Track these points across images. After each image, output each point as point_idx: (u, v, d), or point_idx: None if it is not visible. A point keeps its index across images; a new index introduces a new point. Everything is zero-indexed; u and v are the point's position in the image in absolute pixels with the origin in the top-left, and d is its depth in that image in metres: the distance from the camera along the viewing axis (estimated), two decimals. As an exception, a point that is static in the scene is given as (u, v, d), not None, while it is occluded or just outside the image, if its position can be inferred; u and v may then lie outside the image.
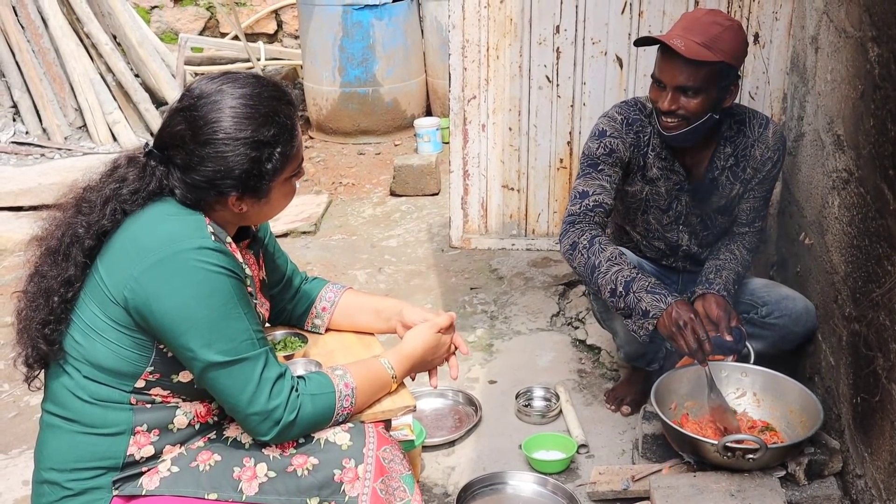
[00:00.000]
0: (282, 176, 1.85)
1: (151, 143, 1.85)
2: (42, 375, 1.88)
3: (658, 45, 2.58)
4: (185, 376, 1.82)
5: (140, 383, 1.79)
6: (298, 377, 1.86)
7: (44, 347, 1.79)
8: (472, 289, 3.97)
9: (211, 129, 1.76)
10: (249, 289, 1.89)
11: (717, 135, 2.73)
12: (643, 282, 2.51)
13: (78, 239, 1.78)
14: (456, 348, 2.17)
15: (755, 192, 2.80)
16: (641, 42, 2.65)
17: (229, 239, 1.87)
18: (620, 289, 2.52)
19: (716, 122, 2.66)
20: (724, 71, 2.56)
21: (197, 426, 1.87)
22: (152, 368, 1.79)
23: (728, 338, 2.55)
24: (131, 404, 1.80)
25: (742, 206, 2.83)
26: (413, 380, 2.21)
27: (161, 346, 1.78)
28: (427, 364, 2.11)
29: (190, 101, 1.80)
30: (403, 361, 2.03)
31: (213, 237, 1.77)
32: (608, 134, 2.73)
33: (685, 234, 2.89)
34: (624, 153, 2.73)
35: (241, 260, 1.88)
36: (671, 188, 2.79)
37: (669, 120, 2.60)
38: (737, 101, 3.26)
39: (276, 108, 1.82)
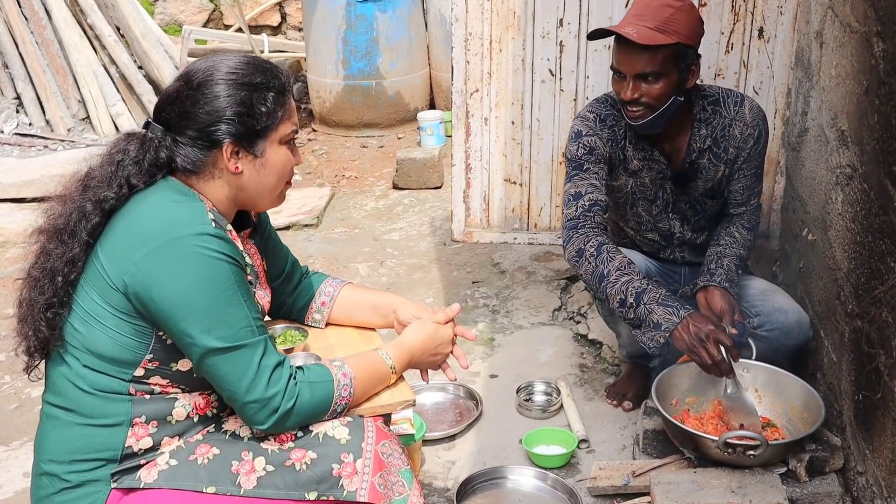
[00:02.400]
0: (276, 131, 1.87)
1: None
2: (42, 366, 1.89)
3: (614, 37, 2.58)
4: (184, 364, 1.82)
5: (139, 372, 1.80)
6: (297, 367, 1.86)
7: (45, 332, 1.79)
8: (473, 283, 3.97)
9: (205, 74, 1.82)
10: (250, 277, 1.89)
11: (691, 117, 2.72)
12: (654, 293, 2.48)
13: (85, 215, 1.80)
14: (458, 339, 2.18)
15: (744, 171, 2.78)
16: (594, 35, 2.64)
17: (230, 227, 1.87)
18: (631, 300, 2.49)
19: (684, 105, 2.65)
20: (682, 52, 2.55)
21: (195, 418, 1.87)
22: (151, 356, 1.79)
23: (732, 331, 2.54)
24: (130, 395, 1.80)
25: (734, 187, 2.81)
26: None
27: (160, 333, 1.78)
28: (431, 355, 2.10)
29: (185, 69, 1.89)
30: (402, 353, 2.03)
31: (213, 224, 1.78)
32: (584, 134, 2.73)
33: (676, 222, 2.88)
34: (603, 149, 2.72)
35: (241, 248, 1.88)
36: (655, 177, 2.78)
37: (634, 109, 2.59)
38: (737, 89, 3.26)
39: (268, 63, 1.90)
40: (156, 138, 1.83)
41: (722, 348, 2.40)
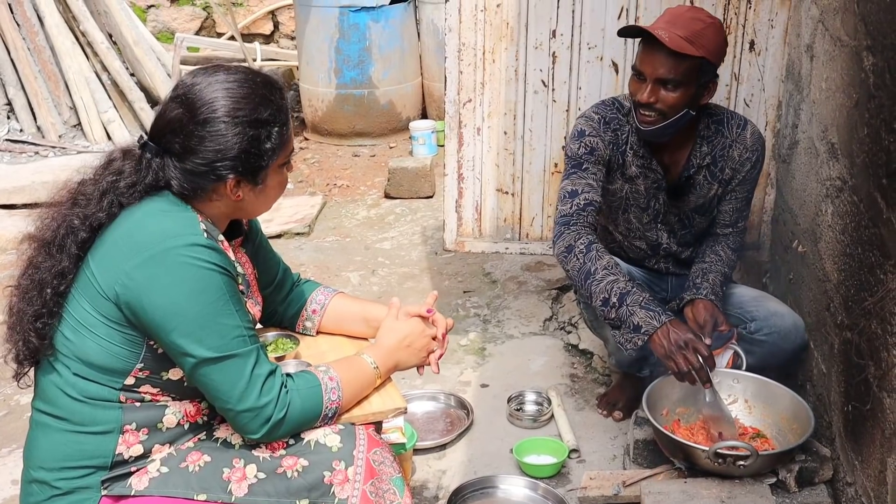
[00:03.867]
0: (278, 159, 1.86)
1: (147, 136, 1.85)
2: (32, 373, 1.88)
3: (640, 39, 2.60)
4: (174, 373, 1.82)
5: (129, 380, 1.79)
6: (286, 375, 1.86)
7: (35, 342, 1.79)
8: (465, 292, 3.97)
9: (209, 109, 1.77)
10: (241, 287, 1.89)
11: (695, 133, 2.74)
12: (637, 296, 2.50)
13: (73, 230, 1.78)
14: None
15: (736, 193, 2.81)
16: (625, 32, 2.66)
17: (221, 237, 1.87)
18: (614, 300, 2.51)
19: (692, 120, 2.67)
20: (704, 67, 2.57)
21: (186, 426, 1.87)
22: (142, 365, 1.79)
23: (707, 341, 2.55)
24: (120, 402, 1.80)
25: (724, 208, 2.84)
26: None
27: (151, 343, 1.78)
28: (406, 348, 2.08)
29: (184, 88, 1.82)
30: (380, 351, 2.04)
31: (205, 234, 1.77)
32: (587, 133, 2.75)
33: (664, 233, 2.90)
34: (604, 151, 2.74)
35: (233, 258, 1.88)
36: (650, 186, 2.80)
37: (647, 113, 2.61)
38: (732, 107, 3.29)
39: (271, 91, 1.85)
40: (153, 163, 1.80)
41: (699, 357, 2.42)
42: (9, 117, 6.02)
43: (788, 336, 2.72)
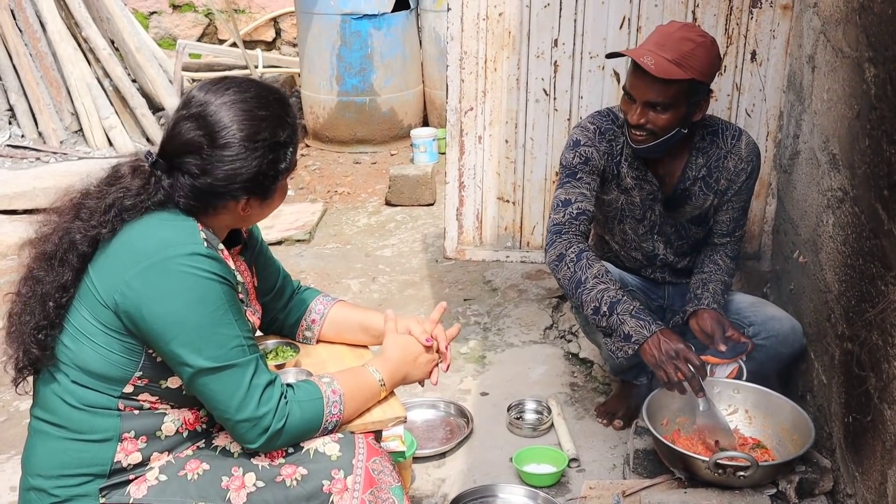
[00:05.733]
0: (285, 175, 1.88)
1: (155, 152, 1.82)
2: (30, 380, 1.87)
3: (624, 58, 2.60)
4: (173, 382, 1.81)
5: (128, 388, 1.79)
6: (287, 385, 1.85)
7: (36, 352, 1.78)
8: (465, 300, 3.97)
9: (230, 133, 1.76)
10: (241, 295, 1.89)
11: (690, 145, 2.75)
12: (628, 305, 2.51)
13: (74, 245, 1.78)
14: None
15: (733, 204, 2.81)
16: (612, 57, 2.67)
17: (221, 246, 1.87)
18: (605, 308, 2.52)
19: (685, 135, 2.67)
20: (694, 87, 2.56)
21: (185, 434, 1.86)
22: (141, 374, 1.78)
23: (722, 348, 2.56)
24: (119, 410, 1.79)
25: (721, 218, 2.84)
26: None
27: (150, 351, 1.77)
28: (413, 363, 2.07)
29: (197, 107, 1.79)
30: (387, 364, 2.03)
31: (205, 243, 1.77)
32: (582, 143, 2.76)
33: (660, 244, 2.90)
34: (599, 161, 2.75)
35: (232, 266, 1.88)
36: (645, 198, 2.81)
37: (638, 133, 2.62)
38: (734, 119, 3.29)
39: (286, 110, 1.85)
40: (163, 182, 1.79)
41: (690, 367, 2.42)
42: (10, 123, 6.03)
43: (786, 340, 2.73)
